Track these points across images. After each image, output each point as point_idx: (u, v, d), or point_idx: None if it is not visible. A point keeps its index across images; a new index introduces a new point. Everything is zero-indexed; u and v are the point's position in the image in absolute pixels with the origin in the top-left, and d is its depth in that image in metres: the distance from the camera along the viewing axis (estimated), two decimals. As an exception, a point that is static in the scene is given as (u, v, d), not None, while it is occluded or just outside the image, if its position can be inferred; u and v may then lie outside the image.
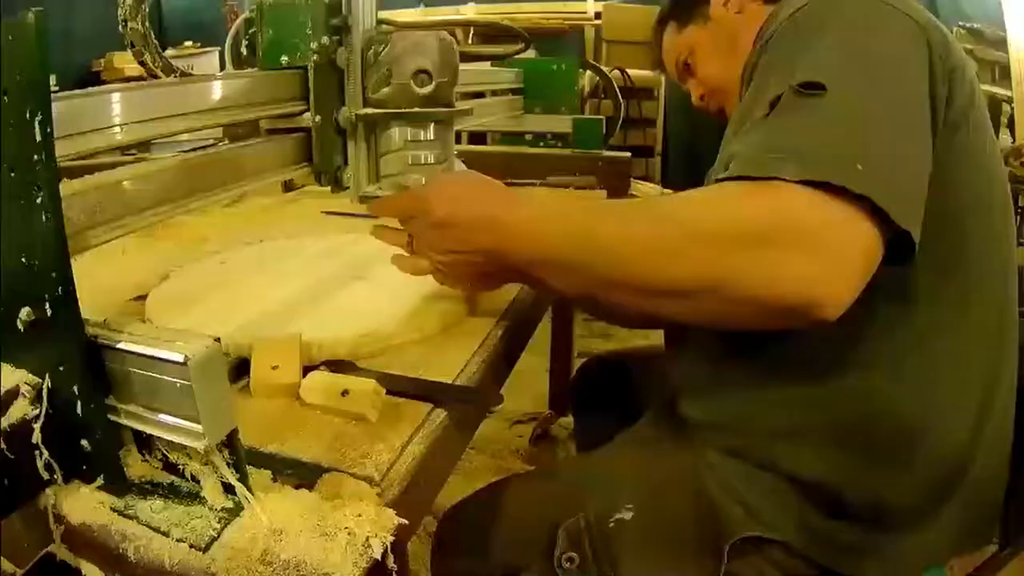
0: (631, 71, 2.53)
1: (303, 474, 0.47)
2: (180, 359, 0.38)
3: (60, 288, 0.40)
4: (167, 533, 0.41)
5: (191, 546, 0.40)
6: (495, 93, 1.37)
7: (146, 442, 0.46)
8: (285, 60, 0.65)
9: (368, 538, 0.40)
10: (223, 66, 0.95)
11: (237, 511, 0.42)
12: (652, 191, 2.49)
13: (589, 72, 2.14)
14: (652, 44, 0.96)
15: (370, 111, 0.67)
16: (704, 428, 0.70)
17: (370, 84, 0.66)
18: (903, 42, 0.57)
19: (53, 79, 0.46)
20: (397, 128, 0.68)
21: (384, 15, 0.72)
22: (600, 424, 0.97)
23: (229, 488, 0.43)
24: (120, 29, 0.93)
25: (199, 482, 0.44)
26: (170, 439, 0.42)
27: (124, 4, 0.91)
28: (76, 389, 0.42)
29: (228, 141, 0.67)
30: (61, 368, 0.42)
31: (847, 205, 0.47)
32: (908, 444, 0.62)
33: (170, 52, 3.83)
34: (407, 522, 0.43)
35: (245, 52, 0.71)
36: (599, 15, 3.59)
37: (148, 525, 0.42)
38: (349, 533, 0.40)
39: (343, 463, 0.48)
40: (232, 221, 1.19)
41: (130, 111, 0.49)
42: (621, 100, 1.64)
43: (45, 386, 0.42)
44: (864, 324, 0.58)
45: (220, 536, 0.41)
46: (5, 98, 0.39)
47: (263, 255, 0.96)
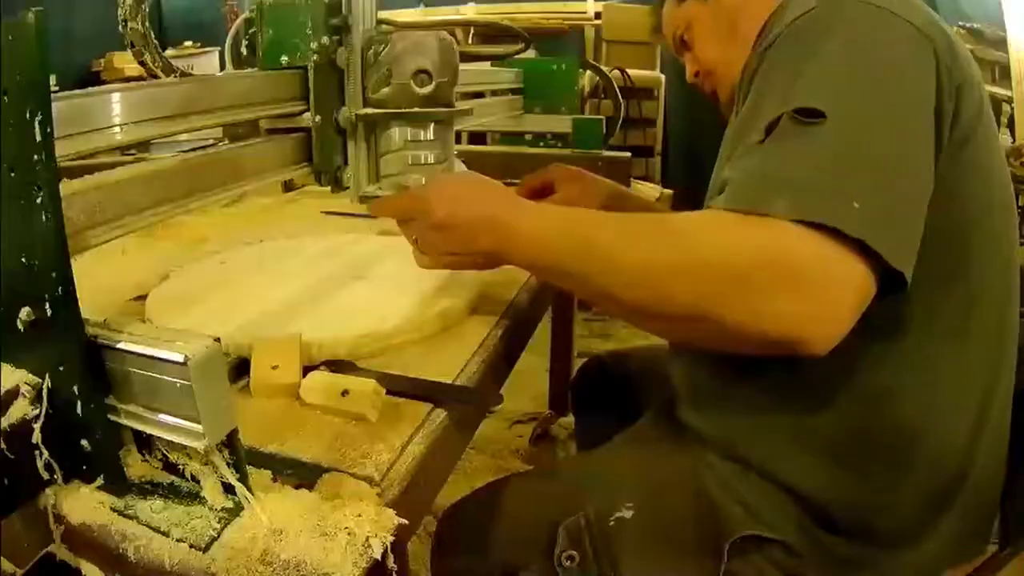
0: (631, 71, 2.53)
1: (303, 474, 0.47)
2: (180, 359, 0.39)
3: (60, 288, 0.40)
4: (167, 533, 0.41)
5: (191, 546, 0.40)
6: (495, 93, 1.37)
7: (146, 442, 0.46)
8: (285, 60, 0.65)
9: (368, 538, 0.40)
10: (223, 66, 0.95)
11: (237, 511, 0.42)
12: (652, 191, 2.49)
13: (589, 72, 2.14)
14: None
15: (370, 111, 0.67)
16: (704, 434, 0.70)
17: (370, 84, 0.66)
18: (909, 57, 0.55)
19: (53, 79, 0.46)
20: (397, 128, 0.68)
21: (384, 15, 0.72)
22: (600, 424, 0.97)
23: (229, 488, 0.43)
24: (120, 29, 0.93)
25: (199, 482, 0.44)
26: (170, 439, 0.42)
27: (124, 4, 0.91)
28: (76, 389, 0.42)
29: (228, 141, 0.67)
30: (61, 368, 0.42)
31: (840, 244, 0.46)
32: (908, 450, 0.61)
33: (170, 52, 3.83)
34: (407, 522, 0.43)
35: (245, 52, 0.71)
36: (599, 15, 3.58)
37: (148, 525, 0.42)
38: (349, 533, 0.40)
39: (343, 463, 0.48)
40: (232, 221, 1.19)
41: (130, 111, 0.50)
42: (621, 100, 1.64)
43: (45, 386, 0.42)
44: (865, 336, 0.56)
45: (220, 536, 0.41)
46: (5, 98, 0.39)
47: (263, 255, 0.96)
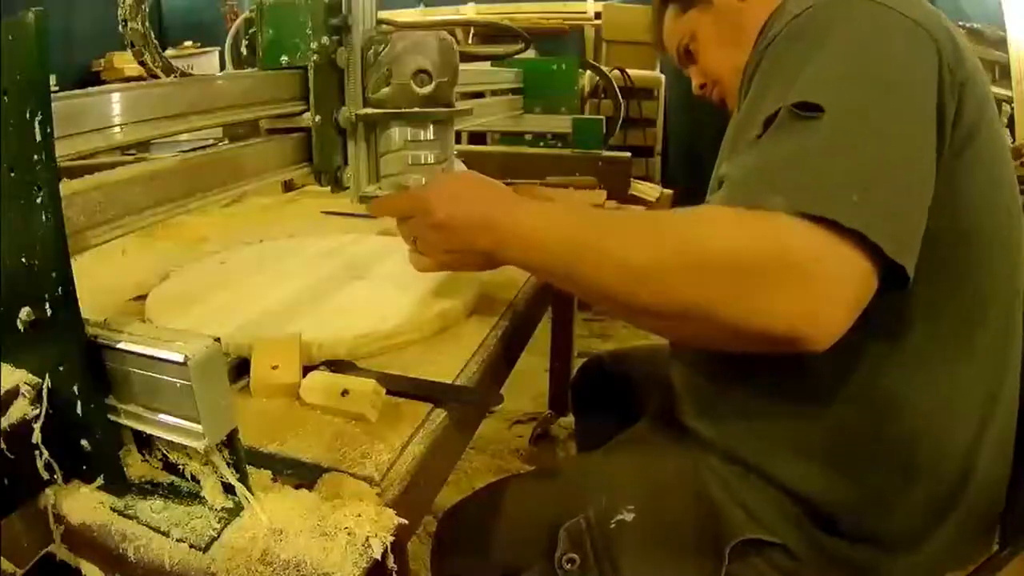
0: (631, 71, 2.53)
1: (303, 474, 0.47)
2: (180, 359, 0.38)
3: (60, 288, 0.40)
4: (167, 533, 0.41)
5: (191, 546, 0.40)
6: (495, 93, 1.37)
7: (146, 442, 0.46)
8: (285, 60, 0.65)
9: (368, 538, 0.40)
10: (223, 66, 0.95)
11: (237, 511, 0.42)
12: (652, 191, 2.49)
13: (589, 72, 2.13)
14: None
15: (370, 111, 0.67)
16: (704, 437, 0.70)
17: (370, 84, 0.66)
18: (910, 54, 0.54)
19: (53, 79, 0.46)
20: (397, 128, 0.68)
21: (384, 15, 0.72)
22: (600, 424, 0.97)
23: (229, 488, 0.43)
24: (120, 29, 0.92)
25: (199, 482, 0.44)
26: (170, 439, 0.42)
27: (124, 4, 0.91)
28: (76, 389, 0.42)
29: (228, 141, 0.67)
30: (61, 368, 0.42)
31: (839, 238, 0.45)
32: (910, 454, 0.61)
33: (170, 52, 3.83)
34: (407, 522, 0.43)
35: (245, 52, 0.71)
36: (599, 15, 3.58)
37: (148, 525, 0.42)
38: (349, 533, 0.40)
39: (343, 463, 0.48)
40: (232, 221, 1.19)
41: (130, 111, 0.49)
42: (621, 100, 1.64)
43: (45, 386, 0.42)
44: (868, 338, 0.57)
45: (220, 536, 0.41)
46: (5, 98, 0.39)
47: (263, 255, 0.96)
